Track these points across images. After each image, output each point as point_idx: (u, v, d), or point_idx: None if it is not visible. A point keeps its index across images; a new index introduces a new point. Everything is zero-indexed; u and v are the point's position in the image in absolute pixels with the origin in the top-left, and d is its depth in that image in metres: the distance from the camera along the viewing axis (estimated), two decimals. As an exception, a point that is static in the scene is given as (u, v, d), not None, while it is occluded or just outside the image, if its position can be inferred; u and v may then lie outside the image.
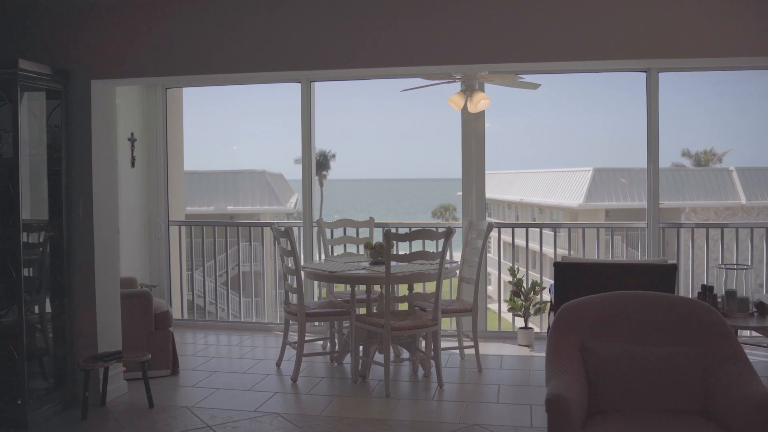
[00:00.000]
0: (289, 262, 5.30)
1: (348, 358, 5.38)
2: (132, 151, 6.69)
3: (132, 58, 4.47)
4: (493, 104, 5.86)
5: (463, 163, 6.29)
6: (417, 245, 5.06)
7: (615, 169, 24.19)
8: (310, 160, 6.61)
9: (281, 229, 5.15)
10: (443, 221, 43.97)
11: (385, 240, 4.65)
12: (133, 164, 6.71)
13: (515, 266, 6.30)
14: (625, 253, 9.82)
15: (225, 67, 4.43)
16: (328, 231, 6.31)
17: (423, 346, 5.15)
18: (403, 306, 5.42)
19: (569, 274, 4.53)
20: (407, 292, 5.10)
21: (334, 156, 39.81)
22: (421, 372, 5.18)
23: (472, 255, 5.52)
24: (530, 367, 5.44)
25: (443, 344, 5.42)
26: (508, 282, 6.30)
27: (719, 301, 4.38)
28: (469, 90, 5.73)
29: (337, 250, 6.31)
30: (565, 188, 24.57)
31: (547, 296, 6.24)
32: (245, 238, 7.55)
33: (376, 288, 5.30)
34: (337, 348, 5.57)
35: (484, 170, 6.30)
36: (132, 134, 6.70)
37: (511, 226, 7.47)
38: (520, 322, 6.21)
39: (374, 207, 63.28)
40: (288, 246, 5.09)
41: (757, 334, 5.45)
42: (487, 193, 6.40)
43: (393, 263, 4.82)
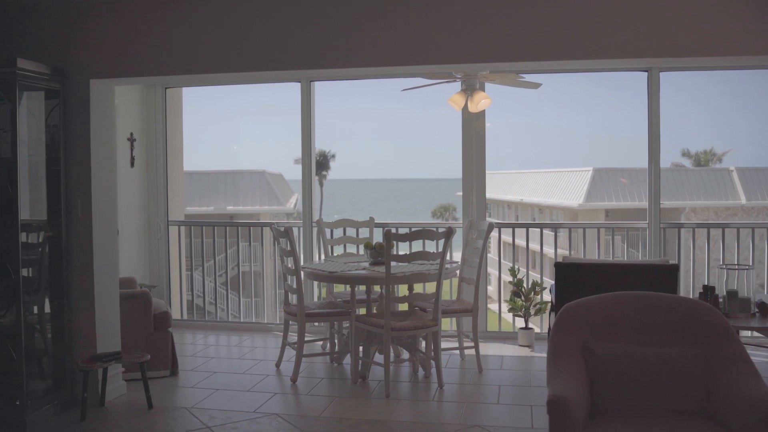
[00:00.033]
0: (289, 262, 5.29)
1: (348, 359, 5.36)
2: (131, 151, 6.68)
3: (131, 58, 4.45)
4: (493, 104, 5.85)
5: (464, 162, 6.27)
6: (417, 245, 5.04)
7: (615, 169, 24.17)
8: (310, 160, 6.59)
9: (281, 229, 5.14)
10: (443, 221, 43.97)
11: (386, 240, 4.63)
12: (132, 164, 6.69)
13: (515, 266, 6.28)
14: (626, 254, 9.80)
15: (225, 66, 4.42)
16: (327, 231, 6.30)
17: (423, 346, 5.14)
18: (403, 306, 5.40)
19: (570, 275, 4.51)
20: (407, 293, 5.09)
21: (333, 156, 39.79)
22: (421, 373, 5.17)
23: (473, 255, 5.51)
24: (531, 367, 5.42)
25: (443, 345, 5.40)
26: (509, 282, 6.29)
27: (721, 301, 4.36)
28: (469, 89, 5.71)
29: (337, 251, 6.30)
30: (565, 188, 24.56)
31: (547, 296, 6.23)
32: (245, 239, 7.54)
33: (376, 288, 5.29)
34: (336, 348, 5.55)
35: (485, 170, 6.29)
36: (131, 134, 6.69)
37: (512, 226, 7.46)
38: (520, 322, 6.20)
39: (374, 207, 63.29)
40: (288, 246, 5.07)
41: (759, 335, 5.44)
42: (487, 193, 6.39)
43: (393, 263, 4.81)
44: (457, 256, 6.25)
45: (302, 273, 5.16)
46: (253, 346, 6.20)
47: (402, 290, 5.96)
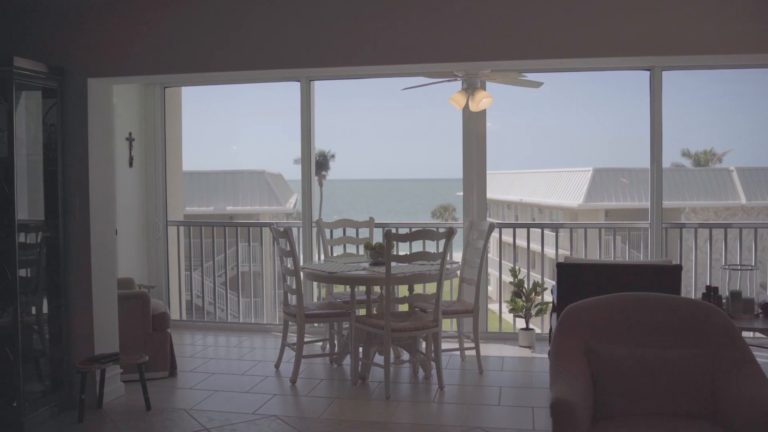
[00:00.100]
0: (288, 262, 5.26)
1: (348, 360, 5.33)
2: (130, 150, 6.65)
3: (129, 56, 4.42)
4: (493, 104, 5.81)
5: (464, 162, 6.24)
6: (417, 246, 5.01)
7: (615, 169, 24.14)
8: (309, 160, 6.56)
9: (280, 229, 5.10)
10: (443, 221, 43.96)
11: (386, 240, 4.60)
12: (131, 164, 6.66)
13: (516, 267, 6.25)
14: (626, 254, 9.78)
15: (224, 64, 4.39)
16: (327, 231, 6.27)
17: (423, 347, 5.11)
18: (404, 307, 5.37)
19: (572, 275, 4.48)
20: (407, 293, 5.06)
21: (333, 156, 39.74)
22: (421, 374, 5.13)
23: (473, 255, 5.48)
24: (532, 368, 5.39)
25: (444, 345, 5.37)
26: (510, 283, 6.25)
27: (724, 302, 4.33)
28: (470, 88, 5.68)
29: (337, 251, 6.27)
30: (564, 188, 24.54)
31: (548, 297, 6.19)
32: (244, 239, 7.50)
33: (376, 289, 5.25)
34: (336, 349, 5.52)
35: (486, 170, 6.26)
36: (130, 134, 6.66)
37: (513, 227, 7.42)
38: (520, 323, 6.17)
39: (374, 207, 63.27)
40: (287, 246, 5.04)
41: (762, 336, 5.41)
42: (487, 194, 6.36)
43: (393, 264, 4.78)
44: (457, 256, 6.22)
45: (302, 273, 5.13)
46: (252, 346, 6.17)
47: (402, 291, 5.92)
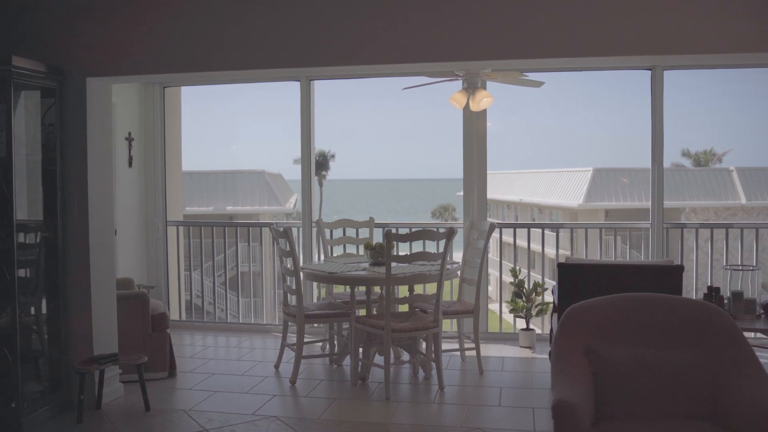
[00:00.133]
0: (288, 262, 5.24)
1: (347, 361, 5.31)
2: (129, 150, 6.63)
3: (129, 55, 4.40)
4: (493, 104, 5.79)
5: (465, 162, 6.22)
6: (417, 246, 4.99)
7: (615, 169, 24.15)
8: (309, 160, 6.54)
9: (280, 229, 5.09)
10: (443, 221, 43.94)
11: (386, 240, 4.58)
12: (130, 164, 6.65)
13: (516, 267, 6.23)
14: (627, 254, 9.77)
15: (224, 64, 4.37)
16: (327, 231, 6.25)
17: (423, 348, 5.09)
18: (404, 307, 5.36)
19: (573, 276, 4.46)
20: (407, 294, 5.04)
21: (333, 156, 39.73)
22: (421, 374, 5.12)
23: (474, 256, 5.46)
24: (532, 369, 5.38)
25: (444, 346, 5.35)
26: (510, 283, 6.24)
27: (726, 302, 4.32)
28: (471, 88, 5.66)
29: (337, 251, 6.25)
30: (564, 188, 24.53)
31: (549, 297, 6.17)
32: (244, 239, 7.48)
33: (376, 289, 5.24)
34: (336, 350, 5.51)
35: (486, 170, 6.24)
36: (129, 133, 6.64)
37: (513, 227, 7.41)
38: (521, 323, 6.15)
39: (374, 207, 63.27)
40: (287, 246, 5.03)
41: (763, 336, 5.39)
42: (488, 194, 6.34)
43: (393, 264, 4.76)
44: (458, 256, 6.20)
45: (301, 274, 5.11)
46: (252, 347, 6.16)
47: (402, 291, 5.91)
